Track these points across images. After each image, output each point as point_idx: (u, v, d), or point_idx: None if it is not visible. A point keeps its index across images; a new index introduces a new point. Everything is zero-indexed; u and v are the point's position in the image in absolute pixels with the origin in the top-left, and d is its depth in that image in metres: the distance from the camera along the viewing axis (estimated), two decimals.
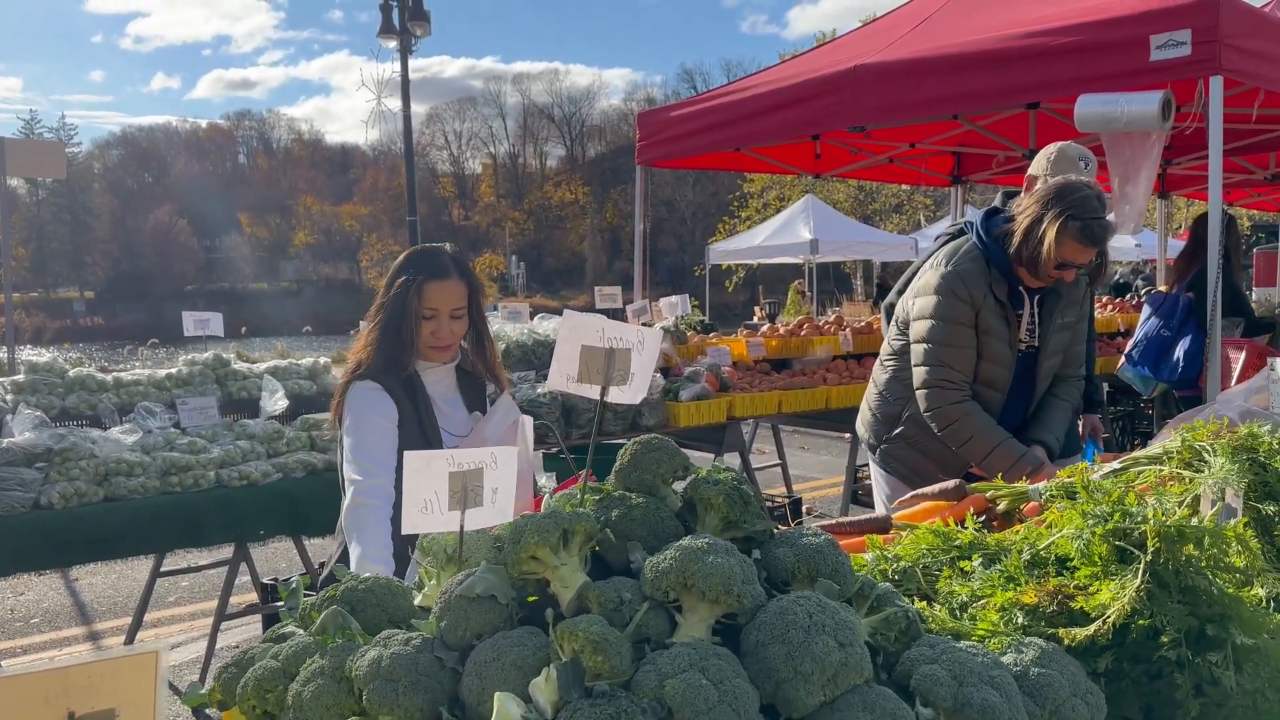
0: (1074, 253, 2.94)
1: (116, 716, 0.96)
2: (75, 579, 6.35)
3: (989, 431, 3.04)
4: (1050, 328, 3.16)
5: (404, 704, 1.26)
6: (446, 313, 2.58)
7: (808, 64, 5.99)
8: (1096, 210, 2.93)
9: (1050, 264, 2.95)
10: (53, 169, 9.14)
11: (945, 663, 1.26)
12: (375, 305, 2.65)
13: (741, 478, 1.49)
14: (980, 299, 3.05)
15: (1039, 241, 2.93)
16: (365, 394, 2.57)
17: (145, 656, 0.96)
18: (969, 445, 3.05)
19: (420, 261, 2.60)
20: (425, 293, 2.54)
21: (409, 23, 18.15)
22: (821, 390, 5.98)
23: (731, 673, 1.18)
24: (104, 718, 0.95)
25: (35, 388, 4.36)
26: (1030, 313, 3.14)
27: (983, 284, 3.05)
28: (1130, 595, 1.40)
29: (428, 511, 1.48)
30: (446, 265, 2.60)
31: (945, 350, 3.07)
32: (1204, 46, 3.92)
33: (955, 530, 1.73)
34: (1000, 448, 3.01)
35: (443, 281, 2.57)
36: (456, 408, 2.73)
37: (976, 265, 3.07)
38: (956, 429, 3.06)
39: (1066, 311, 3.20)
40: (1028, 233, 2.97)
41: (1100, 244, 2.96)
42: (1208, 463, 2.00)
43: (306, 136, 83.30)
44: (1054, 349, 3.20)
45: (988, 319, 3.05)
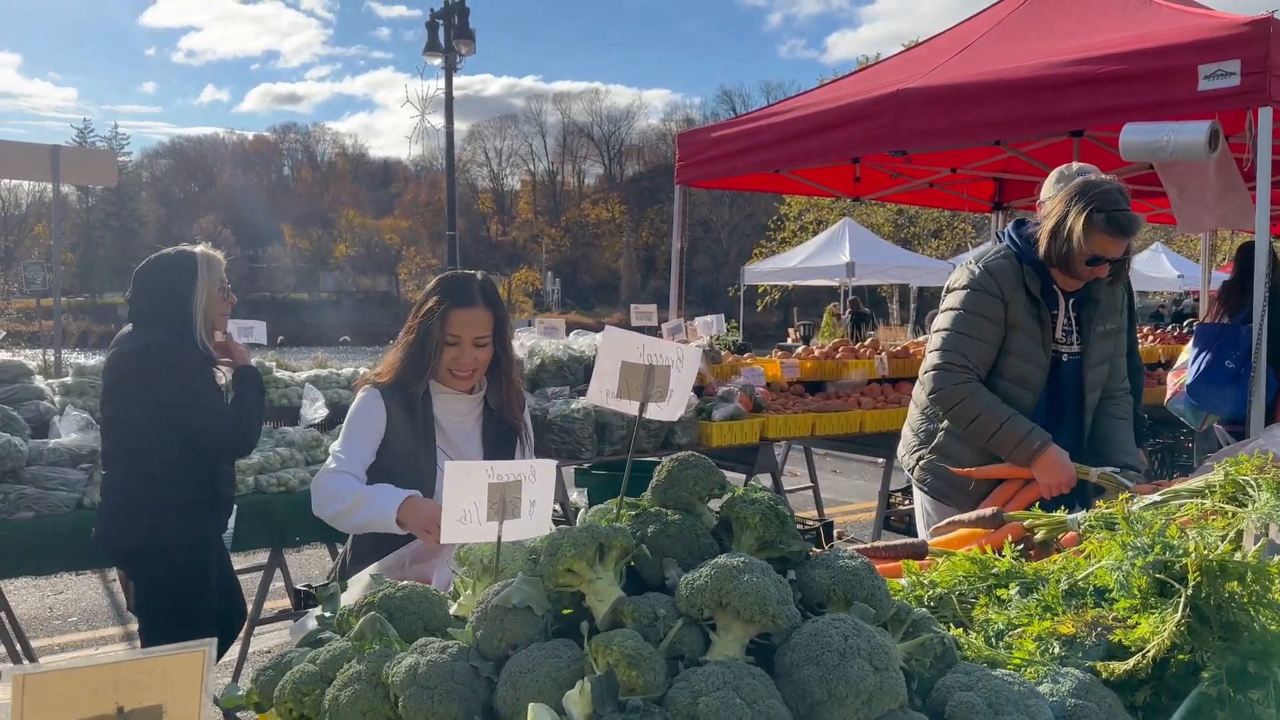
0: (1104, 245, 2.94)
1: (164, 713, 0.98)
2: (113, 580, 6.43)
3: (995, 408, 3.02)
4: (1092, 335, 3.14)
5: (439, 711, 1.27)
6: (470, 340, 2.59)
7: (848, 88, 6.00)
8: (1120, 202, 2.93)
9: (1081, 259, 2.95)
10: (104, 177, 9.33)
11: (981, 690, 1.26)
12: (405, 326, 2.71)
13: (778, 498, 1.50)
14: (1011, 293, 3.05)
15: (1067, 237, 2.94)
16: (363, 399, 2.67)
17: (193, 655, 0.98)
18: (976, 424, 3.03)
19: (449, 287, 2.63)
20: (450, 319, 2.57)
21: (454, 41, 18.38)
22: (856, 414, 5.95)
23: (765, 693, 1.18)
24: (152, 713, 0.97)
25: (82, 390, 4.45)
26: (1067, 315, 3.12)
27: (1014, 279, 3.05)
28: (1170, 629, 1.38)
29: (466, 521, 1.50)
30: (474, 293, 2.62)
31: (960, 338, 3.07)
32: (1253, 78, 3.88)
33: (993, 558, 1.73)
34: (1007, 423, 2.98)
35: (469, 309, 2.59)
36: (469, 440, 2.72)
37: (1009, 262, 3.08)
38: (962, 408, 3.05)
39: (1107, 319, 3.19)
40: (1055, 231, 2.98)
41: (1129, 234, 2.95)
42: (1251, 497, 1.97)
43: (350, 150, 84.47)
44: (1098, 358, 3.18)
45: (1018, 314, 3.05)
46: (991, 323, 3.05)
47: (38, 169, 8.49)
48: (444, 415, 2.69)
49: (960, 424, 3.08)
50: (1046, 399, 3.11)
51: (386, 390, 2.64)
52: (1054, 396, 3.12)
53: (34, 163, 8.49)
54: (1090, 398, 3.20)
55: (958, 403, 3.05)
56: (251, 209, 67.19)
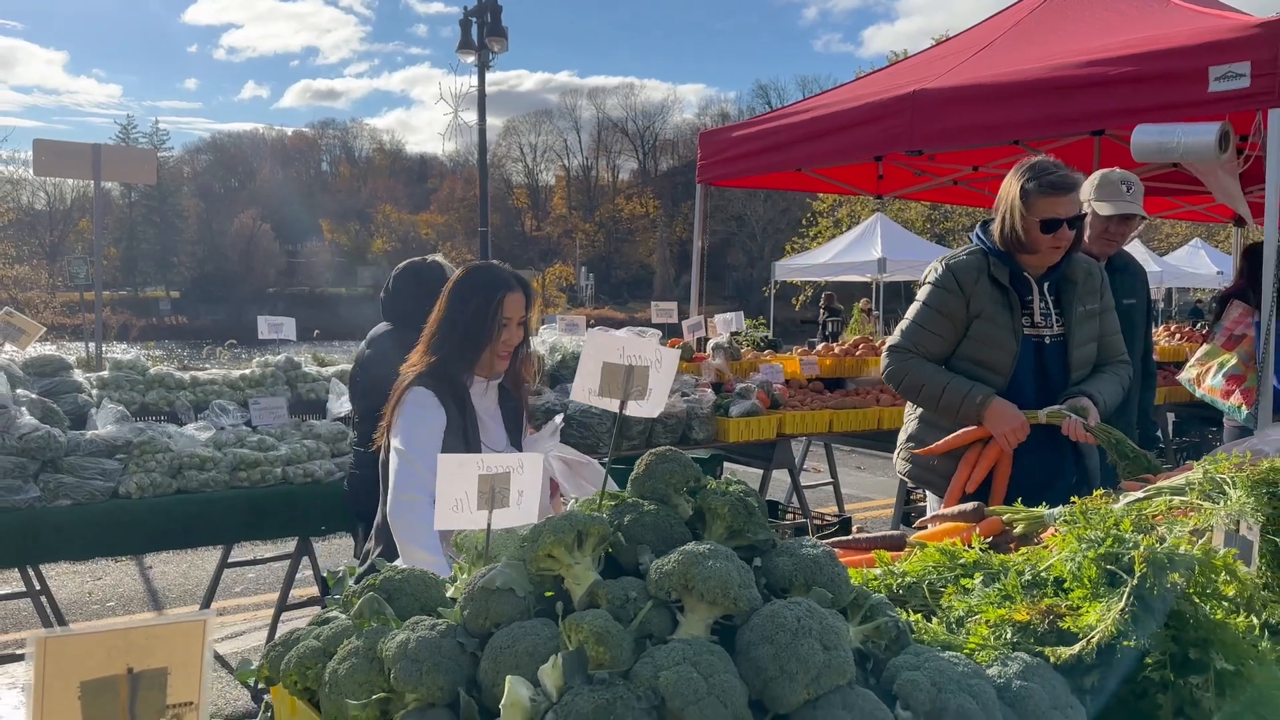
0: (1050, 207, 3.03)
1: (169, 674, 1.09)
2: (149, 566, 6.66)
3: (936, 375, 3.17)
4: (1074, 316, 3.23)
5: (426, 683, 1.39)
6: (516, 320, 2.81)
7: (867, 87, 6.05)
8: (1050, 168, 3.06)
9: (1034, 229, 3.05)
10: (144, 175, 9.56)
11: (927, 670, 1.35)
12: (439, 318, 2.82)
13: (749, 490, 1.59)
14: (972, 285, 3.16)
15: (1011, 213, 3.07)
16: (421, 398, 2.72)
17: (195, 624, 1.10)
18: (924, 394, 3.19)
19: (493, 276, 2.84)
20: (505, 304, 2.78)
21: (487, 39, 18.56)
22: (874, 410, 6.01)
23: (722, 668, 1.28)
24: (158, 675, 1.09)
25: (118, 384, 4.63)
26: (1044, 299, 3.21)
27: (974, 272, 3.17)
28: (1114, 617, 1.46)
29: (458, 510, 1.61)
30: (512, 278, 2.85)
31: (916, 329, 3.24)
32: (1263, 79, 3.90)
33: (961, 549, 1.81)
34: (949, 387, 3.12)
35: (515, 293, 2.81)
36: (497, 423, 2.89)
37: (971, 258, 3.21)
38: (908, 381, 3.21)
39: (1087, 299, 3.27)
40: (1004, 214, 3.11)
41: (1067, 190, 3.05)
42: (1226, 494, 2.04)
43: (387, 146, 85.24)
44: (1083, 338, 3.26)
45: (982, 304, 3.16)
46: (946, 318, 3.20)
47: (80, 167, 8.73)
48: (476, 400, 2.84)
49: (912, 396, 3.25)
50: (1035, 381, 3.19)
51: (434, 385, 2.74)
52: (1042, 378, 3.20)
53: (76, 161, 8.73)
54: (1077, 377, 3.27)
55: (903, 378, 3.22)
56: (290, 204, 68.05)
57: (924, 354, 3.22)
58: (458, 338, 2.78)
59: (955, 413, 3.11)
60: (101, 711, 1.06)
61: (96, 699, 1.06)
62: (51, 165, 8.95)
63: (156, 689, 1.09)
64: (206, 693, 1.11)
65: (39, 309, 26.42)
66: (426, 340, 2.84)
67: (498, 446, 2.84)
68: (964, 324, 3.19)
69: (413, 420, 2.71)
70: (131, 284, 60.99)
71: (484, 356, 2.79)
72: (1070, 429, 3.01)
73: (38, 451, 3.89)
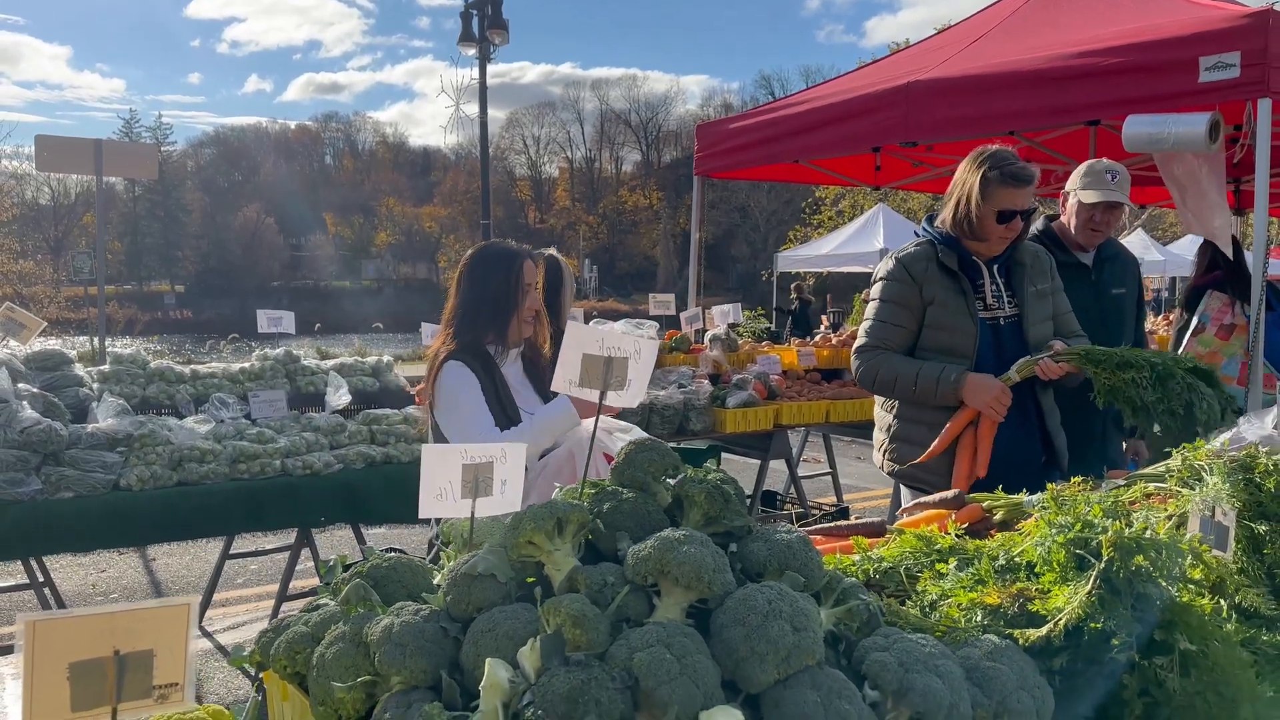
0: (1007, 198, 3.09)
1: (155, 656, 1.13)
2: (153, 559, 6.71)
3: (905, 365, 3.20)
4: (1026, 295, 3.28)
5: (410, 665, 1.43)
6: (536, 286, 3.06)
7: (863, 79, 6.07)
8: (1010, 159, 3.12)
9: (990, 218, 3.10)
10: (145, 171, 9.62)
11: (895, 651, 1.38)
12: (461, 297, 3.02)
13: (726, 478, 1.63)
14: (922, 274, 3.21)
15: (967, 199, 3.11)
16: (457, 374, 2.91)
17: (179, 608, 1.14)
18: (899, 386, 3.22)
19: (506, 249, 3.08)
20: (524, 271, 3.01)
21: (488, 31, 18.55)
22: (870, 401, 6.03)
23: (695, 649, 1.31)
24: (144, 657, 1.13)
25: (119, 378, 4.68)
26: (995, 282, 3.26)
27: (923, 261, 3.22)
28: (1082, 600, 1.50)
29: (442, 499, 1.64)
30: (521, 249, 3.11)
31: (878, 325, 3.28)
32: (1253, 69, 3.92)
33: (937, 535, 1.85)
34: (922, 372, 3.16)
35: (528, 261, 3.05)
36: (528, 388, 3.08)
37: (919, 249, 3.27)
38: (881, 378, 3.25)
39: (1037, 279, 3.32)
40: (959, 200, 3.15)
41: (1025, 182, 3.10)
42: (1203, 481, 2.07)
43: (391, 139, 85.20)
44: (1038, 316, 3.30)
45: (934, 291, 3.21)
46: (904, 308, 3.24)
47: (82, 163, 8.79)
48: (504, 370, 3.03)
49: (887, 391, 3.28)
50: (995, 363, 3.22)
51: (465, 358, 2.93)
52: (1000, 359, 3.23)
53: (78, 157, 8.80)
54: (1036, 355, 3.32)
55: (875, 376, 3.26)
56: (294, 198, 68.09)
57: (890, 348, 3.26)
58: (487, 310, 2.97)
59: (933, 396, 3.15)
60: (90, 692, 1.10)
61: (85, 679, 1.10)
62: (54, 161, 9.01)
63: (143, 670, 1.13)
64: (192, 674, 1.15)
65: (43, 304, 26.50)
66: (451, 319, 3.03)
67: (532, 409, 3.00)
68: (920, 312, 3.23)
69: (455, 393, 2.90)
70: (136, 278, 61.11)
71: (512, 324, 2.99)
72: (1043, 369, 3.06)
73: (39, 445, 3.94)
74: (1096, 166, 3.52)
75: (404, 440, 4.73)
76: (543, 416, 2.87)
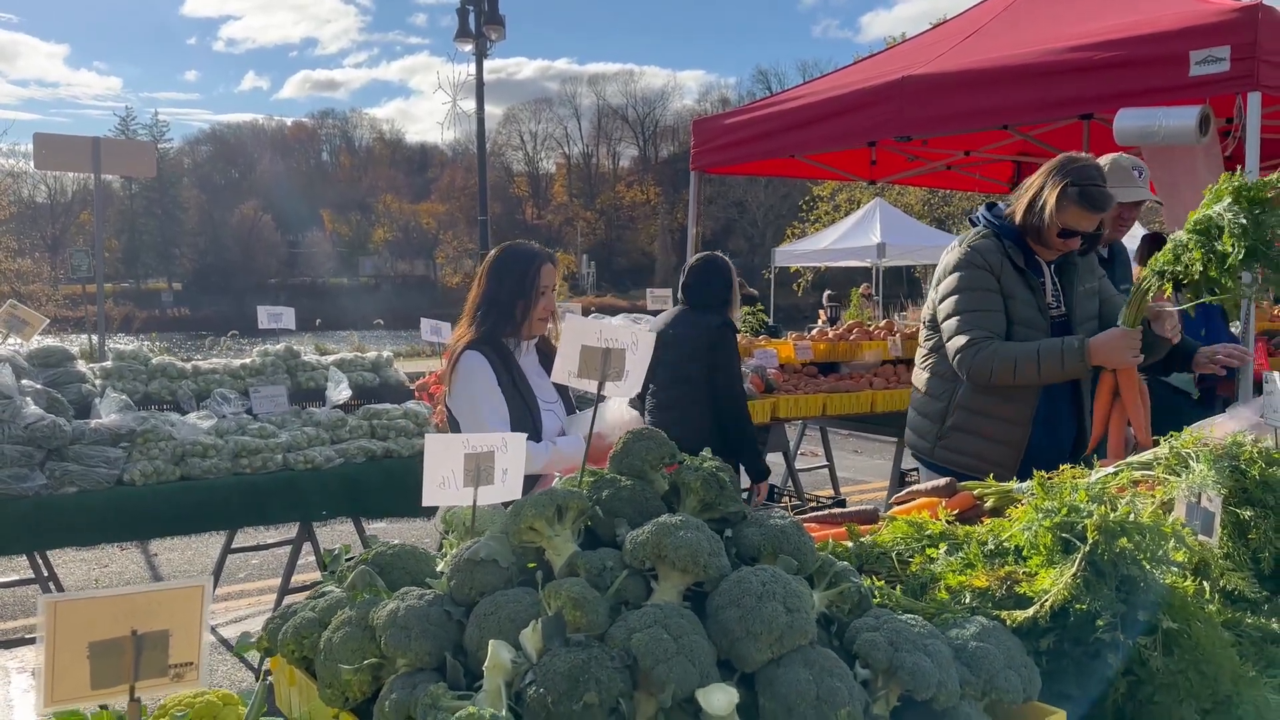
0: (1076, 218, 3.08)
1: (170, 636, 1.17)
2: (155, 554, 6.76)
3: (1022, 350, 3.11)
4: (1075, 295, 3.29)
5: (414, 648, 1.47)
6: (552, 288, 3.15)
7: (858, 74, 6.10)
8: (1096, 179, 3.07)
9: (1053, 231, 3.10)
10: (143, 169, 9.64)
11: (885, 631, 1.43)
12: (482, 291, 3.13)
13: (722, 466, 1.67)
14: (998, 266, 3.19)
15: (1041, 209, 3.09)
16: (474, 365, 3.02)
17: (194, 589, 1.18)
18: (1021, 372, 3.10)
19: (528, 250, 3.19)
20: (543, 274, 3.11)
21: (484, 27, 18.56)
22: (867, 394, 6.09)
23: (691, 629, 1.36)
24: (160, 637, 1.17)
25: (121, 374, 4.71)
26: (1052, 281, 3.28)
27: (997, 254, 3.20)
28: (1067, 581, 1.54)
29: (445, 487, 1.68)
30: (543, 251, 3.22)
31: (974, 315, 3.19)
32: (1242, 63, 3.96)
33: (929, 521, 1.89)
34: (1042, 352, 3.07)
35: (548, 264, 3.16)
36: (543, 378, 3.19)
37: (988, 241, 3.23)
38: (1000, 368, 3.12)
39: (1086, 278, 3.33)
40: (1031, 202, 3.14)
41: (1100, 209, 3.08)
42: (1190, 468, 2.12)
43: (388, 136, 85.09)
44: (1084, 315, 3.31)
45: (1011, 285, 3.19)
46: (993, 292, 3.19)
47: (80, 161, 8.82)
48: (520, 360, 3.15)
49: (1006, 379, 3.14)
50: None
51: (483, 348, 3.05)
52: None
53: (76, 155, 8.82)
54: None
55: (991, 367, 3.14)
56: (291, 195, 68.03)
57: (996, 335, 3.17)
58: (504, 307, 3.08)
59: (1060, 371, 3.06)
60: (109, 670, 1.14)
61: (104, 658, 1.14)
62: (51, 159, 9.03)
63: (159, 649, 1.17)
64: (205, 654, 1.19)
65: (41, 302, 26.53)
66: (471, 313, 3.14)
67: (549, 398, 3.15)
68: (1001, 300, 3.20)
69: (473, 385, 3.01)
70: (134, 276, 61.06)
71: (527, 322, 3.10)
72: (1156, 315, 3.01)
73: (43, 440, 3.97)
74: (1122, 162, 3.52)
75: (404, 435, 4.77)
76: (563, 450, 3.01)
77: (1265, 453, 2.06)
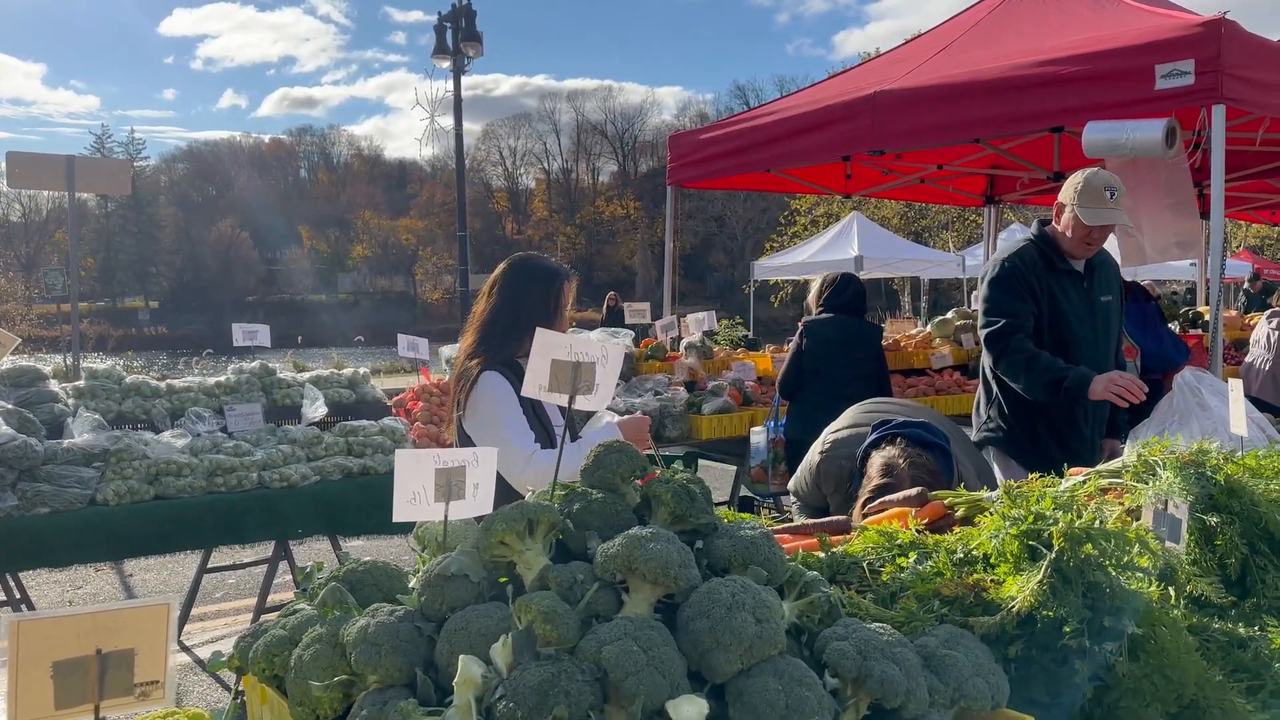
0: None
1: (136, 655, 1.17)
2: (130, 574, 6.69)
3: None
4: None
5: (385, 664, 1.46)
6: (569, 306, 3.10)
7: (831, 89, 6.16)
8: None
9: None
10: (118, 187, 9.54)
11: (854, 640, 1.44)
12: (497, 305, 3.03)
13: (693, 478, 1.67)
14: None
15: None
16: (494, 383, 2.93)
17: (160, 607, 1.17)
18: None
19: (550, 268, 3.11)
20: (565, 293, 3.06)
21: (462, 44, 18.61)
22: None
23: (661, 642, 1.36)
24: (125, 655, 1.16)
25: (94, 393, 4.67)
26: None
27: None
28: (1033, 588, 1.56)
29: (415, 502, 1.68)
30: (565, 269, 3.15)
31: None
32: (1206, 76, 4.03)
33: (899, 530, 1.90)
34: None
35: (569, 282, 3.10)
36: None
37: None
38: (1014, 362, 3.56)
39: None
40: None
41: None
42: (1157, 475, 2.14)
43: (366, 152, 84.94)
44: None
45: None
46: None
47: (53, 179, 8.73)
48: None
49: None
50: None
51: (501, 369, 2.96)
52: None
53: (50, 173, 8.73)
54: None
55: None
56: (269, 212, 67.69)
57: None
58: (521, 325, 2.92)
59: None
60: (73, 690, 1.14)
61: (68, 678, 1.14)
62: (25, 177, 8.93)
63: (124, 668, 1.17)
64: (172, 672, 1.19)
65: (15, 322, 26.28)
66: (481, 329, 3.04)
67: (556, 419, 3.04)
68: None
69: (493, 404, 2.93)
70: (110, 295, 60.56)
71: None
72: None
73: (15, 461, 3.93)
74: (1094, 182, 3.53)
75: (381, 451, 4.75)
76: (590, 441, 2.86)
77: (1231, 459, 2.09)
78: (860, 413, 3.15)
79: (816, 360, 5.23)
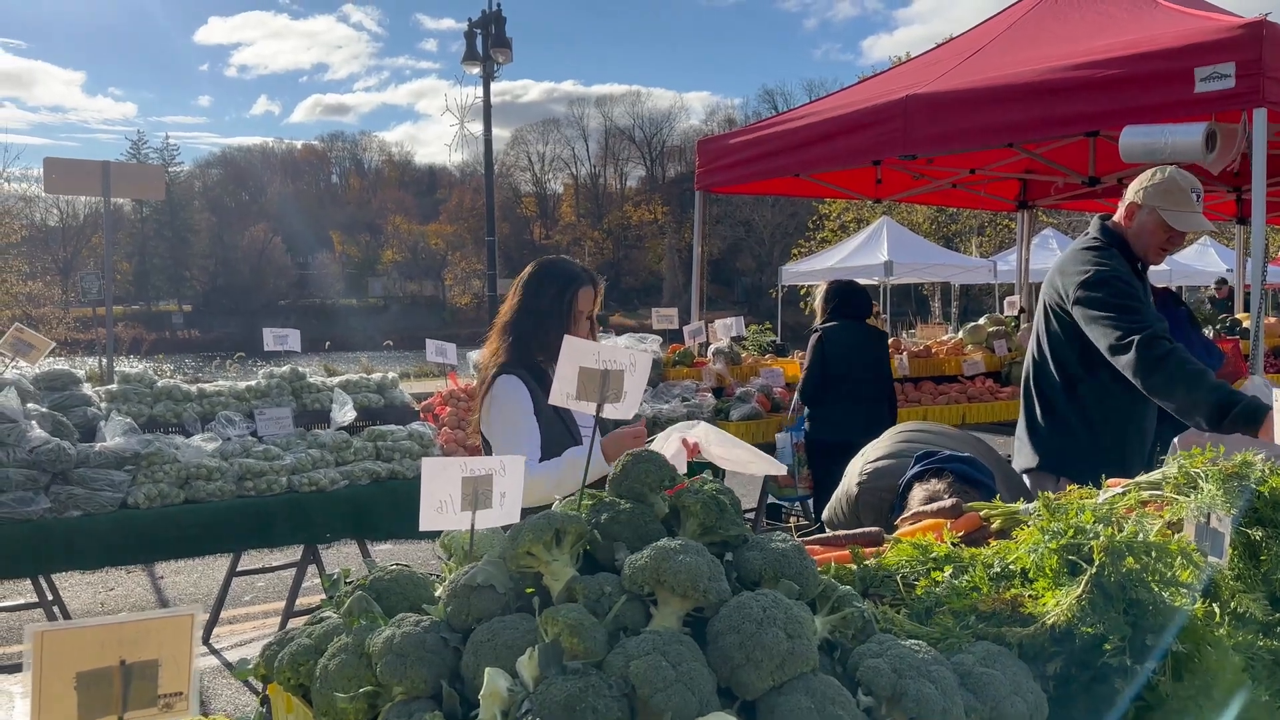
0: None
1: (160, 666, 1.16)
2: (160, 576, 6.74)
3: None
4: None
5: (411, 675, 1.45)
6: (586, 313, 3.00)
7: (862, 93, 6.11)
8: None
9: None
10: (153, 191, 9.70)
11: (889, 657, 1.40)
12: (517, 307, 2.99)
13: (722, 488, 1.65)
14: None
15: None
16: (510, 388, 2.88)
17: (184, 618, 1.16)
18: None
19: (568, 271, 3.03)
20: (580, 297, 2.96)
21: (492, 50, 18.69)
22: None
23: (690, 656, 1.33)
24: (149, 667, 1.15)
25: (126, 396, 4.71)
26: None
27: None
28: (1071, 602, 1.52)
29: (442, 511, 1.67)
30: (584, 273, 3.05)
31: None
32: (1248, 80, 3.94)
33: (934, 544, 1.86)
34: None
35: (586, 287, 3.00)
36: None
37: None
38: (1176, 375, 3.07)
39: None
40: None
41: None
42: (1199, 488, 2.09)
43: (396, 158, 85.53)
44: None
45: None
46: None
47: (90, 184, 8.87)
48: None
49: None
50: None
51: (518, 371, 2.91)
52: None
53: (86, 178, 8.88)
54: None
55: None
56: (300, 217, 68.38)
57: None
58: (536, 327, 2.93)
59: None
60: (96, 701, 1.13)
61: (91, 689, 1.12)
62: (62, 183, 9.09)
63: (148, 680, 1.15)
64: (196, 684, 1.17)
65: (52, 325, 26.66)
66: (503, 331, 3.00)
67: (587, 423, 2.96)
68: None
69: (506, 408, 2.88)
70: (144, 298, 61.37)
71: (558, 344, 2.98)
72: None
73: (48, 464, 3.97)
74: (1181, 183, 3.25)
75: (409, 456, 4.76)
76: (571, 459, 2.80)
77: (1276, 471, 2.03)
78: (897, 441, 2.97)
79: (837, 365, 5.40)
